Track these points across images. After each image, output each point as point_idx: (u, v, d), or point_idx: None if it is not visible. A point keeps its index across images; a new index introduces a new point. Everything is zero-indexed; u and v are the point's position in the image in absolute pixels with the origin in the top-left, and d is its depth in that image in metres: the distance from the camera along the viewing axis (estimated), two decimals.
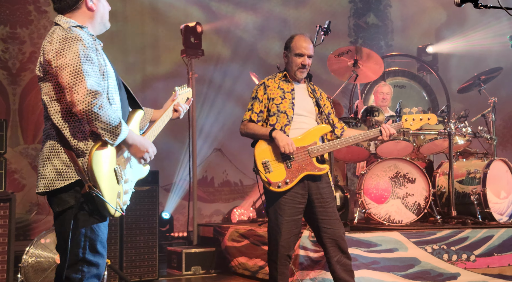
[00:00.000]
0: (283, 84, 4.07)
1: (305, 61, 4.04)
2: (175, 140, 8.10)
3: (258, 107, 4.04)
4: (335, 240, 3.97)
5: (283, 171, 3.89)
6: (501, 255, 5.25)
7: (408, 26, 9.98)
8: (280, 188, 3.87)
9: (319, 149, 3.94)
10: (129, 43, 8.22)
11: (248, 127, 4.02)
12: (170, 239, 7.59)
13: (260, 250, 5.66)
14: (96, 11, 2.81)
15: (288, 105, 3.99)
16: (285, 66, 4.19)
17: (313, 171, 3.92)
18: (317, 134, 4.01)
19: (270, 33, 9.10)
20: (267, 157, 3.91)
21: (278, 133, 3.87)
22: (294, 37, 4.13)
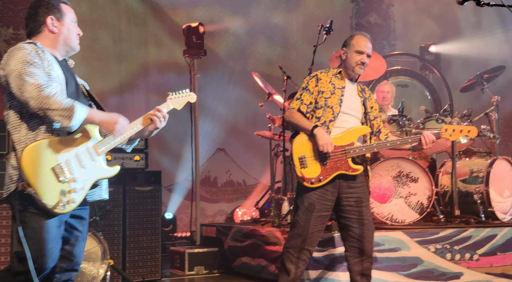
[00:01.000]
0: (335, 80, 4.09)
1: (364, 59, 4.08)
2: (178, 140, 8.11)
3: (308, 99, 4.05)
4: (360, 240, 3.97)
5: (318, 168, 3.90)
6: (504, 254, 5.24)
7: (410, 25, 9.96)
8: (313, 184, 3.89)
9: (355, 150, 3.95)
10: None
11: (293, 116, 4.02)
12: (173, 239, 7.60)
13: (263, 250, 5.65)
14: (59, 34, 3.05)
15: (336, 101, 4.00)
16: (341, 64, 4.20)
17: (346, 171, 3.94)
18: (356, 134, 4.02)
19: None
20: (304, 152, 3.92)
21: (319, 131, 3.87)
22: (355, 35, 4.17)
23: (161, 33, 8.38)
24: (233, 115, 8.65)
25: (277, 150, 6.66)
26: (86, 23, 7.26)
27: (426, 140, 3.99)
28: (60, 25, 3.05)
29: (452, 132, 4.12)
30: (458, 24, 9.96)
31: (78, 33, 3.13)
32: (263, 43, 9.07)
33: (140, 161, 5.96)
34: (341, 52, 4.15)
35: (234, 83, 8.78)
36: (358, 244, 3.97)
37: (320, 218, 3.95)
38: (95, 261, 5.03)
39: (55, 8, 3.05)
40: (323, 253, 4.90)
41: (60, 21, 3.05)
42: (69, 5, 3.15)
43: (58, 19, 3.05)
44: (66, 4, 3.13)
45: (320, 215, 3.95)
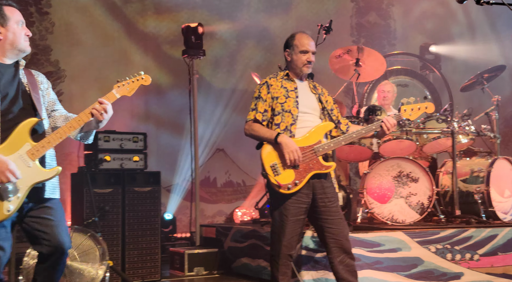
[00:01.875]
0: (285, 83, 4.07)
1: (310, 58, 4.08)
2: (177, 141, 8.09)
3: (263, 107, 4.02)
4: (339, 240, 3.96)
5: (291, 173, 3.89)
6: (505, 254, 5.23)
7: (410, 25, 9.95)
8: (290, 189, 3.87)
9: (324, 147, 3.95)
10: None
11: (253, 129, 4.01)
12: (173, 240, 7.57)
13: (263, 251, 5.63)
14: (4, 40, 3.10)
15: (292, 104, 3.98)
16: (286, 65, 4.20)
17: (320, 170, 3.93)
18: (321, 132, 4.01)
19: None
20: (274, 159, 3.91)
21: (283, 138, 3.86)
22: (296, 35, 4.15)
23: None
24: (232, 116, 8.62)
25: None
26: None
27: (387, 125, 4.03)
28: (4, 30, 3.09)
29: (411, 111, 4.18)
30: (458, 24, 9.95)
31: (27, 35, 3.16)
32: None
33: (139, 161, 5.95)
34: (286, 54, 4.16)
35: (233, 83, 8.76)
36: (338, 243, 3.96)
37: (297, 222, 3.95)
38: (94, 262, 5.01)
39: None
40: (323, 253, 4.88)
41: (4, 27, 3.09)
42: (15, 7, 3.15)
43: (2, 25, 3.09)
44: (10, 7, 3.13)
45: (297, 219, 3.94)
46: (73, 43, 7.72)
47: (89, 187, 5.55)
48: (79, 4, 7.82)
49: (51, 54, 7.51)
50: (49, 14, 7.60)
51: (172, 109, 8.15)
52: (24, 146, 3.05)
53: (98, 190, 5.66)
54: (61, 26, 7.66)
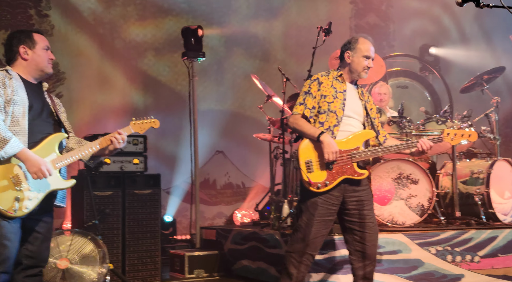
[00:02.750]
0: (336, 84, 4.06)
1: (370, 64, 4.10)
2: (177, 142, 8.09)
3: (311, 103, 4.03)
4: (363, 244, 3.98)
5: (324, 172, 3.90)
6: (505, 256, 5.23)
7: (410, 26, 9.95)
8: (319, 189, 3.89)
9: (361, 155, 3.96)
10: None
11: (298, 123, 4.01)
12: (173, 242, 7.57)
13: (263, 253, 5.63)
14: (30, 60, 3.51)
15: (339, 105, 3.99)
16: (340, 66, 4.18)
17: (352, 176, 3.95)
18: (362, 139, 4.02)
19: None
20: (310, 156, 3.92)
21: (326, 138, 3.86)
22: (359, 39, 4.15)
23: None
24: (231, 117, 8.62)
25: (276, 152, 6.65)
26: None
27: (423, 148, 4.01)
28: (31, 53, 3.51)
29: (453, 136, 4.11)
30: (458, 25, 9.95)
31: (51, 58, 3.57)
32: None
33: (139, 164, 5.94)
34: (346, 55, 4.10)
35: (232, 85, 8.76)
36: (361, 248, 3.97)
37: (324, 223, 3.95)
38: (94, 265, 5.01)
39: (27, 38, 3.52)
40: (324, 256, 4.88)
41: (31, 50, 3.51)
42: (42, 34, 3.62)
43: (30, 48, 3.51)
44: (38, 34, 3.59)
45: (324, 220, 3.94)
46: (73, 45, 7.73)
47: (89, 189, 5.55)
48: (78, 7, 7.82)
49: None
50: (49, 16, 7.60)
51: (171, 110, 8.15)
52: (51, 155, 3.41)
53: (98, 192, 5.66)
54: (60, 28, 7.67)
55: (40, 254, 3.47)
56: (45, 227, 3.48)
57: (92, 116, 7.61)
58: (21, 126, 3.37)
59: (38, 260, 3.47)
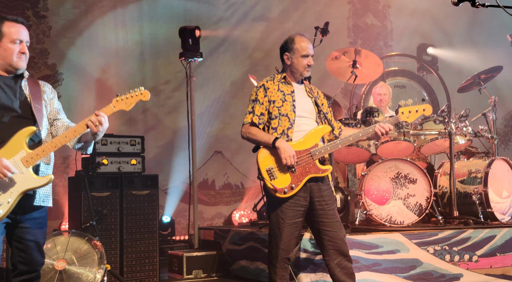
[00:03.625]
0: (282, 86, 4.04)
1: (310, 61, 4.06)
2: (175, 143, 8.08)
3: (259, 110, 4.00)
4: (335, 242, 3.94)
5: (287, 177, 3.87)
6: (504, 255, 5.22)
7: (407, 26, 9.96)
8: (286, 193, 3.86)
9: (321, 151, 3.93)
10: None
11: (250, 132, 3.99)
12: (172, 243, 7.57)
13: (261, 253, 5.63)
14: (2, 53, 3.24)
15: (289, 108, 3.97)
16: (283, 68, 4.17)
17: (316, 173, 3.92)
18: (318, 135, 3.99)
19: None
20: (270, 163, 3.90)
21: (281, 143, 3.84)
22: (295, 38, 4.11)
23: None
24: (229, 117, 8.62)
25: None
26: None
27: (381, 131, 4.03)
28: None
29: (408, 114, 4.14)
30: (455, 25, 9.96)
31: (22, 52, 3.25)
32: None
33: (136, 165, 5.94)
34: (285, 57, 4.09)
35: (231, 85, 8.76)
36: (335, 246, 3.93)
37: (295, 225, 3.93)
38: (91, 266, 5.00)
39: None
40: (321, 256, 4.87)
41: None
42: (19, 22, 3.26)
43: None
44: (13, 23, 3.24)
45: (294, 222, 3.92)
46: (70, 46, 7.73)
47: (86, 190, 5.54)
48: (76, 8, 7.82)
49: (48, 58, 7.51)
50: (46, 17, 7.60)
51: (170, 111, 8.15)
52: (19, 153, 3.15)
53: (95, 193, 5.65)
54: (58, 29, 7.66)
55: (34, 260, 3.32)
56: (33, 233, 3.29)
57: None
58: None
59: (33, 265, 3.33)
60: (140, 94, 3.37)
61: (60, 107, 3.51)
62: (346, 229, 5.00)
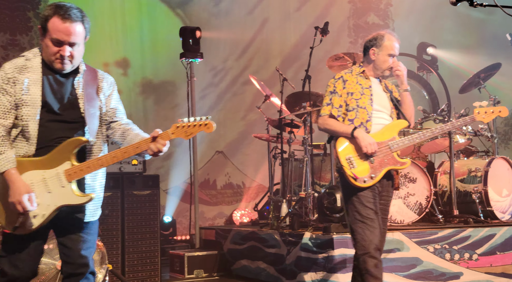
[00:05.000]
0: (360, 80, 4.00)
1: (395, 62, 4.06)
2: (176, 143, 8.10)
3: (338, 102, 3.96)
4: (381, 240, 3.84)
5: (366, 167, 3.82)
6: (504, 254, 5.23)
7: (408, 25, 9.96)
8: (366, 183, 3.79)
9: (399, 144, 3.89)
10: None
11: (328, 123, 3.95)
12: (173, 243, 7.59)
13: (262, 253, 5.65)
14: (44, 49, 2.93)
15: (367, 101, 3.92)
16: (364, 62, 4.10)
17: (395, 165, 3.87)
18: (396, 129, 3.95)
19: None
20: (350, 152, 3.85)
21: (360, 133, 3.81)
22: (385, 35, 4.08)
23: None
24: (231, 118, 8.64)
25: (275, 152, 6.66)
26: None
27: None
28: (42, 38, 2.92)
29: (484, 114, 4.12)
30: (456, 24, 9.96)
31: (61, 54, 2.88)
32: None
33: (137, 165, 5.96)
34: (371, 52, 4.01)
35: (232, 85, 8.77)
36: (379, 244, 3.79)
37: (376, 216, 3.79)
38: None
39: (42, 20, 2.90)
40: (322, 255, 4.89)
41: (43, 36, 2.91)
42: (70, 19, 2.86)
43: (42, 34, 2.91)
44: (62, 19, 2.85)
45: (376, 213, 3.79)
46: None
47: None
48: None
49: None
50: None
51: (170, 111, 8.17)
52: (63, 165, 2.89)
53: None
54: None
55: (76, 255, 3.00)
56: (74, 240, 3.00)
57: None
58: (30, 131, 2.87)
59: (78, 266, 3.01)
60: (204, 125, 2.91)
61: (119, 104, 3.17)
62: (346, 228, 5.02)
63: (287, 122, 6.25)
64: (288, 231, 5.41)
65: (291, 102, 6.38)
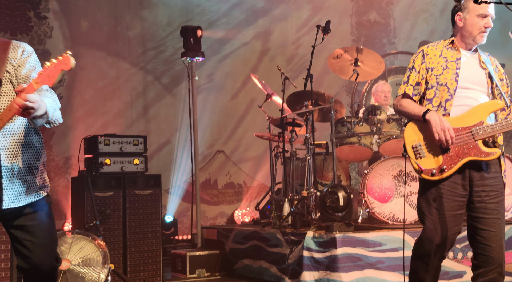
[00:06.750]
0: (447, 52, 3.41)
1: (489, 23, 3.35)
2: (177, 142, 8.09)
3: (415, 79, 3.42)
4: (489, 246, 3.23)
5: (439, 157, 3.25)
6: (506, 252, 5.19)
7: (410, 23, 9.95)
8: (434, 176, 3.24)
9: (486, 130, 3.21)
10: None
11: (401, 104, 3.43)
12: (175, 242, 7.58)
13: (264, 252, 5.63)
14: None
15: (450, 76, 3.32)
16: (453, 32, 3.51)
17: (478, 156, 3.22)
18: (486, 111, 3.27)
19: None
20: (419, 139, 3.31)
21: (432, 115, 3.23)
22: None
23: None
24: (232, 116, 8.63)
25: (276, 151, 6.65)
26: None
27: None
28: None
29: None
30: None
31: None
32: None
33: (139, 164, 5.95)
34: (457, 18, 3.43)
35: (234, 84, 8.76)
36: (484, 250, 3.24)
37: (453, 218, 3.26)
38: (95, 266, 5.01)
39: None
40: (324, 254, 4.88)
41: None
42: None
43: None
44: None
45: (453, 215, 3.26)
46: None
47: (89, 190, 5.55)
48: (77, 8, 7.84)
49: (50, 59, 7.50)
50: (47, 18, 7.61)
51: (171, 110, 8.16)
52: None
53: (98, 193, 5.66)
54: (59, 30, 7.68)
55: (36, 259, 2.83)
56: (30, 231, 2.82)
57: (91, 116, 7.62)
58: None
59: (33, 265, 2.84)
60: (60, 62, 2.60)
61: (31, 72, 2.92)
62: (349, 227, 5.01)
63: (288, 121, 6.23)
64: (291, 230, 5.40)
65: (292, 101, 6.37)
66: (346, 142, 5.94)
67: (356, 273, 4.78)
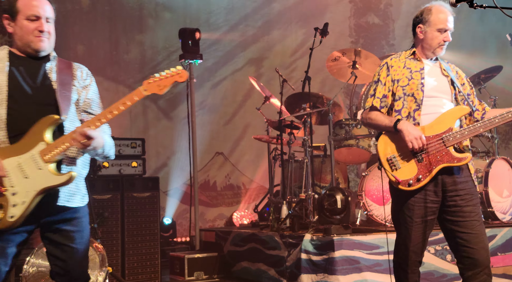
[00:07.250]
0: (410, 63, 3.48)
1: (447, 37, 3.48)
2: (176, 145, 8.09)
3: (381, 92, 3.45)
4: (471, 248, 3.26)
5: (413, 167, 3.29)
6: (505, 255, 5.22)
7: (409, 25, 9.94)
8: (411, 186, 3.28)
9: (456, 136, 3.29)
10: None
11: (370, 117, 3.46)
12: (173, 245, 7.58)
13: (263, 255, 5.63)
14: (15, 34, 2.92)
15: (416, 87, 3.38)
16: (414, 43, 3.59)
17: (451, 162, 3.27)
18: (453, 118, 3.34)
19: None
20: (392, 152, 3.35)
21: (404, 125, 3.28)
22: (432, 8, 3.50)
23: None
24: (230, 119, 8.64)
25: (275, 153, 6.65)
26: None
27: None
28: (14, 24, 2.90)
29: None
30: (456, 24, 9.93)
31: (39, 30, 2.88)
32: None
33: (137, 167, 5.96)
34: (418, 30, 3.50)
35: (232, 86, 8.77)
36: (469, 253, 3.27)
37: (425, 224, 3.33)
38: (93, 269, 5.01)
39: (9, 6, 2.89)
40: (322, 256, 4.88)
41: (13, 21, 2.90)
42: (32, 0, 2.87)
43: (12, 19, 2.89)
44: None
45: (424, 221, 3.32)
46: (72, 45, 7.74)
47: (88, 193, 5.54)
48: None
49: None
50: None
51: (170, 112, 8.17)
52: (38, 146, 2.74)
53: (97, 196, 5.66)
54: (59, 29, 7.67)
55: (71, 270, 2.89)
56: (70, 237, 2.87)
57: None
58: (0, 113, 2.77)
59: (70, 278, 2.90)
60: (176, 74, 2.75)
61: (94, 99, 3.06)
62: (347, 229, 5.01)
63: (287, 123, 6.24)
64: (289, 233, 5.40)
65: (291, 104, 6.37)
66: (344, 145, 5.95)
67: (354, 276, 4.78)
